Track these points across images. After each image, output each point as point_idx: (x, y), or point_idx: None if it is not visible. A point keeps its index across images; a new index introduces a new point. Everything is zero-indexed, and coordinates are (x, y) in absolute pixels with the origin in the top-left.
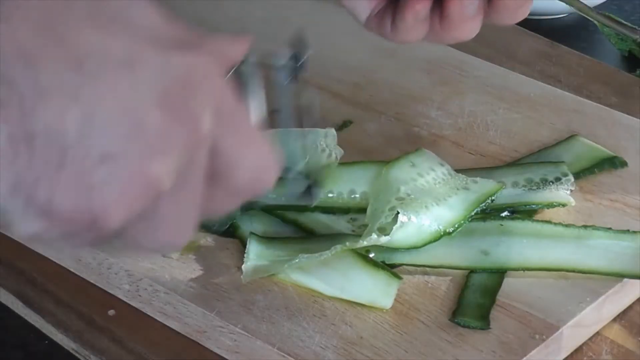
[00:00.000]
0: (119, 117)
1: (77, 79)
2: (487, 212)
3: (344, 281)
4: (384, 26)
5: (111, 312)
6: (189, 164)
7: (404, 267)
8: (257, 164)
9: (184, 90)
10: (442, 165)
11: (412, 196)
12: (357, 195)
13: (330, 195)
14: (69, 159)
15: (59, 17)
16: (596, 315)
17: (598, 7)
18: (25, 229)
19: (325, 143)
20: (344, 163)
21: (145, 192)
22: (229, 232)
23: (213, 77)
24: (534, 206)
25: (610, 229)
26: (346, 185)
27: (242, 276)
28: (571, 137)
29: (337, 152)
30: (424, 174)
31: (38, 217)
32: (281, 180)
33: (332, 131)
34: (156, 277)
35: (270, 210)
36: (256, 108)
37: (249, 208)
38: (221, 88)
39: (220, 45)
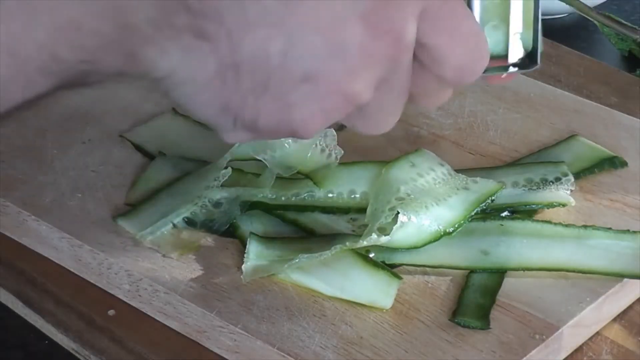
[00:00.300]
0: (320, 39)
1: (281, 7)
2: (487, 212)
3: (344, 281)
4: None
5: (111, 312)
6: (392, 71)
7: (404, 267)
8: (465, 58)
9: (385, 3)
10: (442, 165)
11: (412, 196)
12: (357, 196)
13: (330, 195)
14: (273, 82)
15: None
16: (596, 315)
17: (598, 7)
18: (233, 139)
19: (325, 143)
20: (344, 163)
21: (343, 106)
22: (229, 232)
23: None
24: (534, 206)
25: (610, 229)
26: (346, 185)
27: (242, 276)
28: (571, 137)
29: (337, 152)
30: (423, 174)
31: (245, 131)
32: None
33: (332, 131)
34: (156, 277)
35: (270, 210)
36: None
37: (250, 208)
38: None
39: None
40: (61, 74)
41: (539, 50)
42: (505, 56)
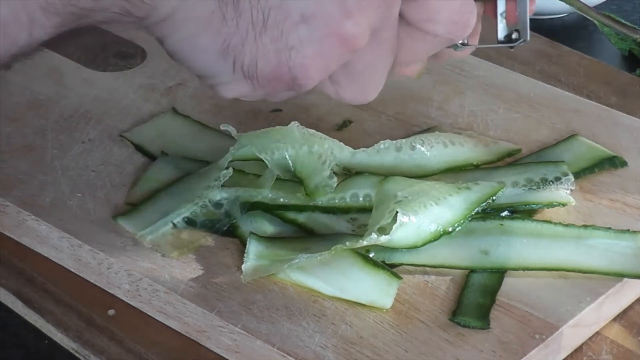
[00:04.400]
0: None
1: None
2: (487, 212)
3: (344, 281)
4: None
5: (111, 312)
6: (384, 20)
7: (404, 267)
8: (456, 11)
9: None
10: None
11: (410, 198)
12: (361, 199)
13: (332, 201)
14: (272, 20)
15: None
16: (596, 315)
17: (598, 7)
18: (233, 90)
19: (321, 150)
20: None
21: (341, 50)
22: (229, 232)
23: None
24: (534, 206)
25: (610, 228)
26: (349, 192)
27: (242, 276)
28: (571, 136)
29: (331, 160)
30: (420, 180)
31: (244, 79)
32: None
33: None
34: (156, 276)
35: (270, 210)
36: None
37: (250, 208)
38: None
39: None
40: (63, 12)
41: (527, 26)
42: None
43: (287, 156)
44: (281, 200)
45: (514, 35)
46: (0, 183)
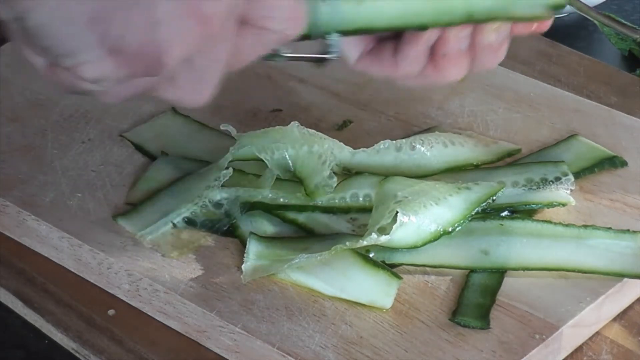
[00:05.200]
0: None
1: None
2: (487, 212)
3: (344, 281)
4: (379, 63)
5: (111, 312)
6: (233, 9)
7: (404, 267)
8: (290, 9)
9: None
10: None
11: (410, 198)
12: (361, 199)
13: (332, 201)
14: None
15: None
16: (596, 315)
17: (598, 7)
18: (94, 70)
19: (321, 150)
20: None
21: (199, 31)
22: (229, 232)
23: None
24: (534, 206)
25: (610, 228)
26: (349, 192)
27: (242, 276)
28: (571, 136)
29: (331, 160)
30: (420, 181)
31: (108, 55)
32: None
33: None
34: (156, 276)
35: (270, 210)
36: None
37: (250, 208)
38: None
39: None
40: None
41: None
42: None
43: (287, 156)
44: (281, 200)
45: (328, 49)
46: (0, 183)
